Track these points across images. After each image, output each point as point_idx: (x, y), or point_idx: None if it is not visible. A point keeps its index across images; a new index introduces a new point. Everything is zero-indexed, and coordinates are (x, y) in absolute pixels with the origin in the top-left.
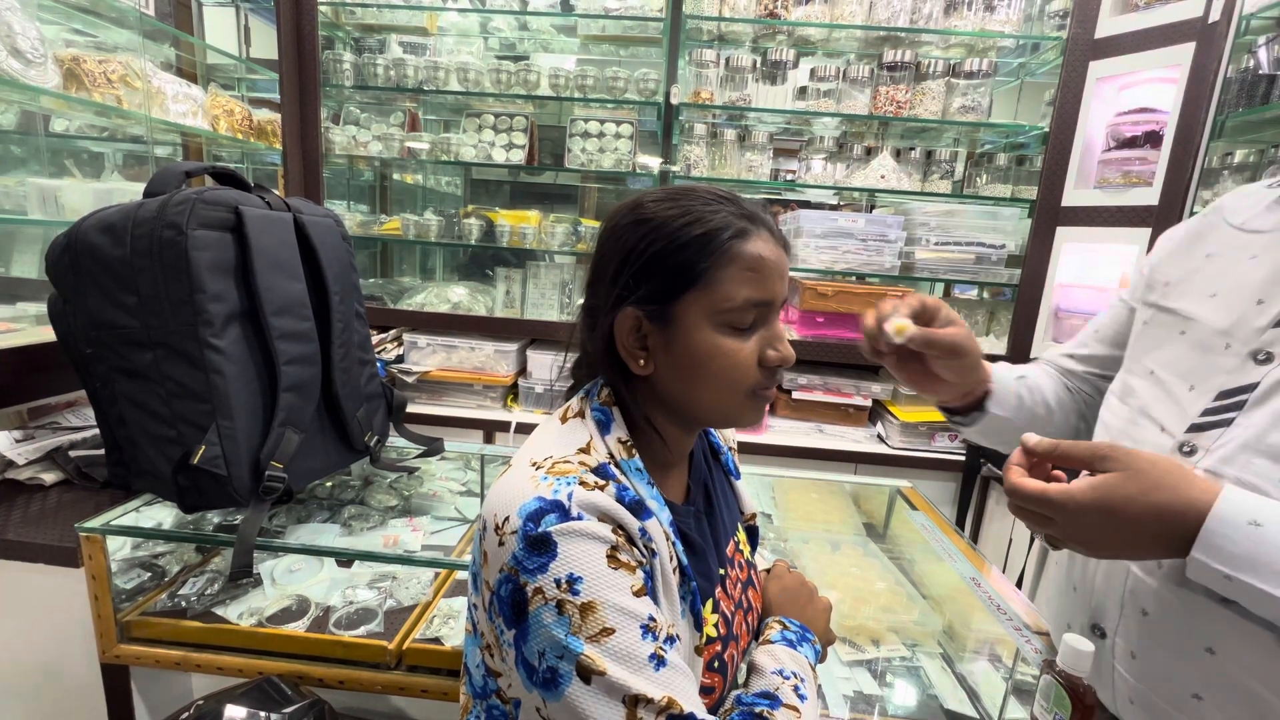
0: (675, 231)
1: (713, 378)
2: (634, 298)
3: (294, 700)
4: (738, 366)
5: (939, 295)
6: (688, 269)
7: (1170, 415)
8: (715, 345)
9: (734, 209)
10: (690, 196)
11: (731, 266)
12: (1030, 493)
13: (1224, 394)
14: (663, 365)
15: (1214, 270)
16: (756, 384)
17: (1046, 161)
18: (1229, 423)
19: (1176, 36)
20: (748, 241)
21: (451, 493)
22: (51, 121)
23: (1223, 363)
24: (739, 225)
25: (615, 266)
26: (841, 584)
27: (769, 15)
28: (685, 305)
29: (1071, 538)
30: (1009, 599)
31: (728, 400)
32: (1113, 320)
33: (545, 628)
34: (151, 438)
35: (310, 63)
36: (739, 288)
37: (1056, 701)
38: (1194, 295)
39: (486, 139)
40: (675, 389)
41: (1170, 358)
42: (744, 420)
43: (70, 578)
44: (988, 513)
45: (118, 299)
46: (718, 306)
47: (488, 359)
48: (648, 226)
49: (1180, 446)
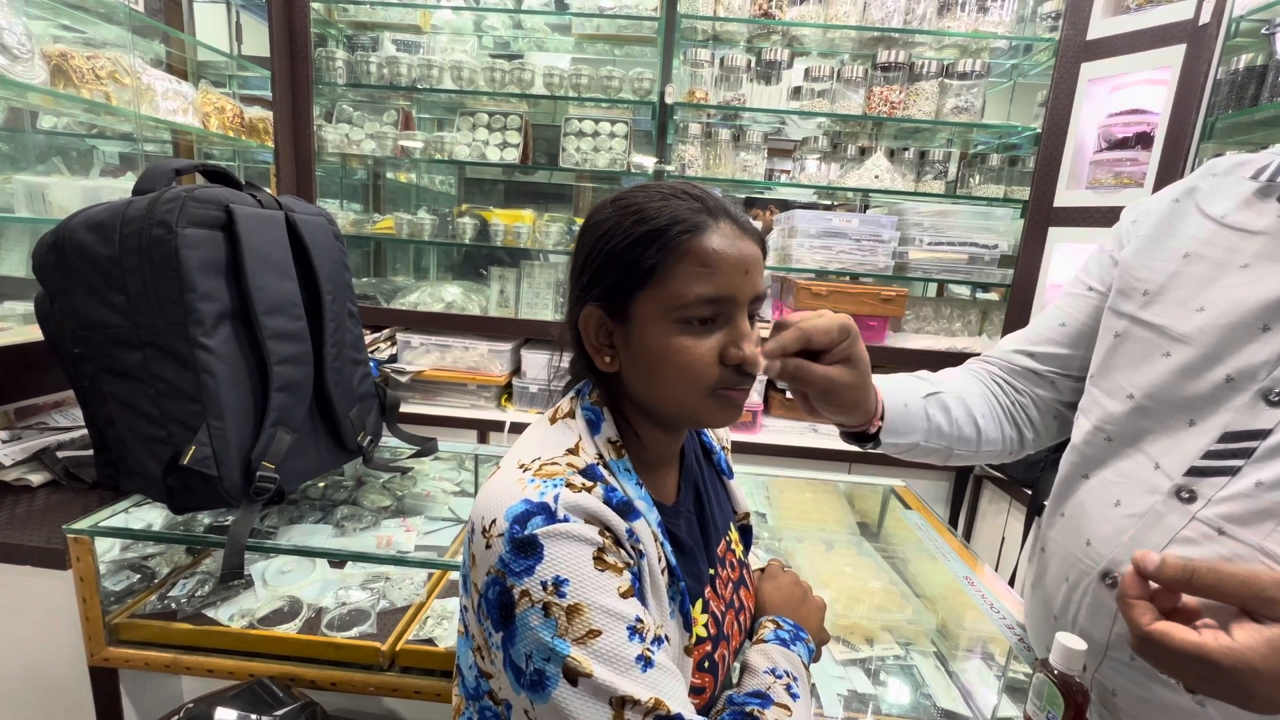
0: (629, 229)
1: (670, 376)
2: (594, 295)
3: (286, 702)
4: (694, 365)
5: (933, 295)
6: (638, 265)
7: (1166, 453)
8: (670, 343)
9: (690, 204)
10: (646, 193)
11: (683, 262)
12: (1185, 649)
13: (1230, 436)
14: (626, 363)
15: (1196, 276)
16: (718, 383)
17: (1039, 162)
18: (1234, 471)
19: (1167, 38)
20: (701, 235)
21: (445, 493)
22: (39, 118)
23: (1227, 398)
24: (693, 220)
25: (579, 264)
26: (835, 583)
27: (763, 15)
28: (641, 302)
29: (1232, 700)
30: (1002, 598)
31: (687, 399)
32: (1082, 314)
33: (532, 630)
34: (141, 438)
35: (302, 60)
36: (691, 283)
37: (1049, 700)
38: (1177, 308)
39: (480, 138)
40: (639, 387)
41: (1154, 383)
42: (709, 420)
43: (58, 580)
44: (980, 511)
45: (106, 298)
46: (670, 303)
47: (482, 358)
48: (605, 225)
49: (1178, 491)
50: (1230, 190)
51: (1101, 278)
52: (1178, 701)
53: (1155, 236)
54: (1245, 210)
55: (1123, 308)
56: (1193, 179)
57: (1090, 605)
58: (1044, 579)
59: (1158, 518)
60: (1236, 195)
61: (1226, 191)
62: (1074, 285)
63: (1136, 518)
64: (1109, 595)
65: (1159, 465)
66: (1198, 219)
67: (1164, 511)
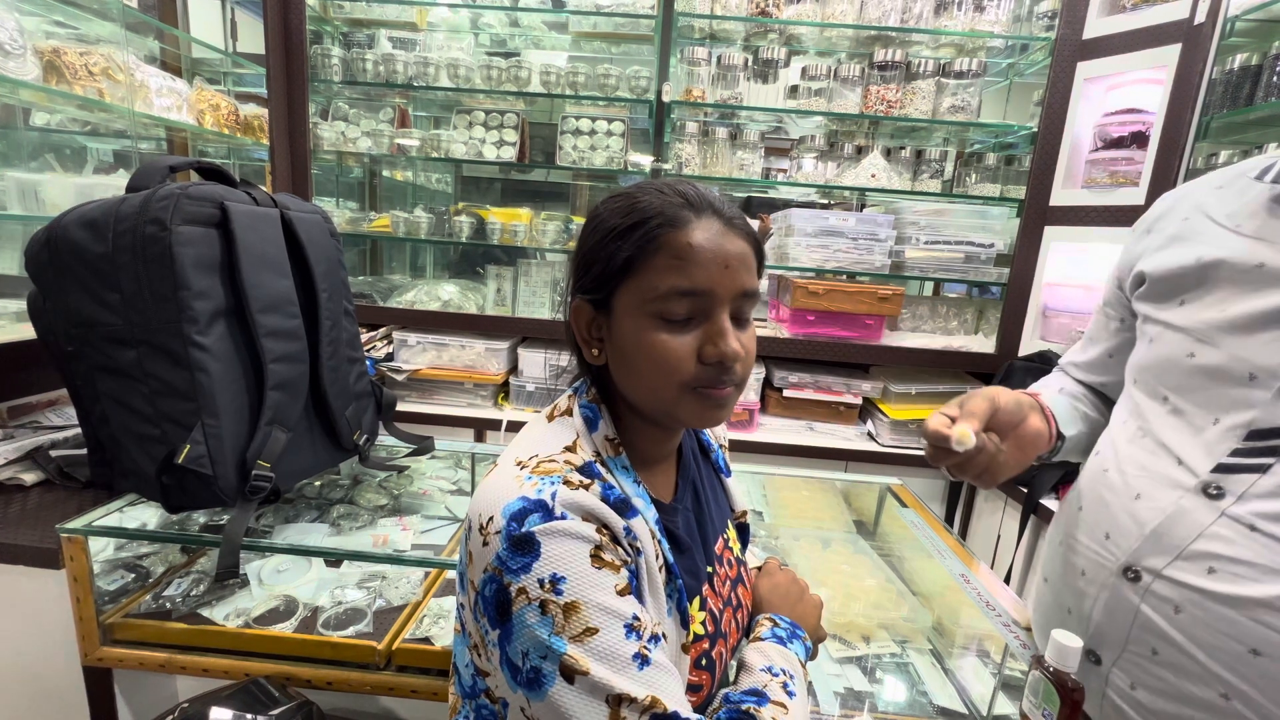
0: (613, 222)
1: (645, 370)
2: (580, 288)
3: (281, 702)
4: (668, 359)
5: (929, 293)
6: (616, 256)
7: (1191, 450)
8: (645, 336)
9: (674, 198)
10: (641, 188)
11: (659, 255)
12: None
13: (1257, 434)
14: (611, 356)
15: (1218, 281)
16: (694, 380)
17: (1035, 161)
18: (1264, 469)
19: (1163, 38)
20: (680, 229)
21: (442, 491)
22: (32, 115)
23: (1251, 396)
24: (673, 214)
25: (574, 260)
26: (832, 581)
27: (760, 13)
28: (620, 296)
29: None
30: (998, 595)
31: (664, 394)
32: (1110, 337)
33: (529, 628)
34: (135, 437)
35: (298, 57)
36: (665, 276)
37: (1045, 697)
38: (1201, 311)
39: (477, 136)
40: (623, 381)
41: (1183, 382)
42: (688, 418)
43: (51, 579)
44: (976, 510)
45: (99, 296)
46: (645, 295)
47: (478, 357)
48: (595, 221)
49: (1205, 488)
50: (1237, 195)
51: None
52: (1202, 696)
53: (1171, 250)
54: (1263, 217)
55: (1155, 314)
56: (1192, 195)
57: (1108, 600)
58: (1058, 573)
59: (1183, 513)
60: (1247, 199)
61: (1232, 195)
62: (1099, 314)
63: (1159, 511)
64: (1130, 589)
65: (1181, 461)
66: (1207, 226)
67: (1190, 507)
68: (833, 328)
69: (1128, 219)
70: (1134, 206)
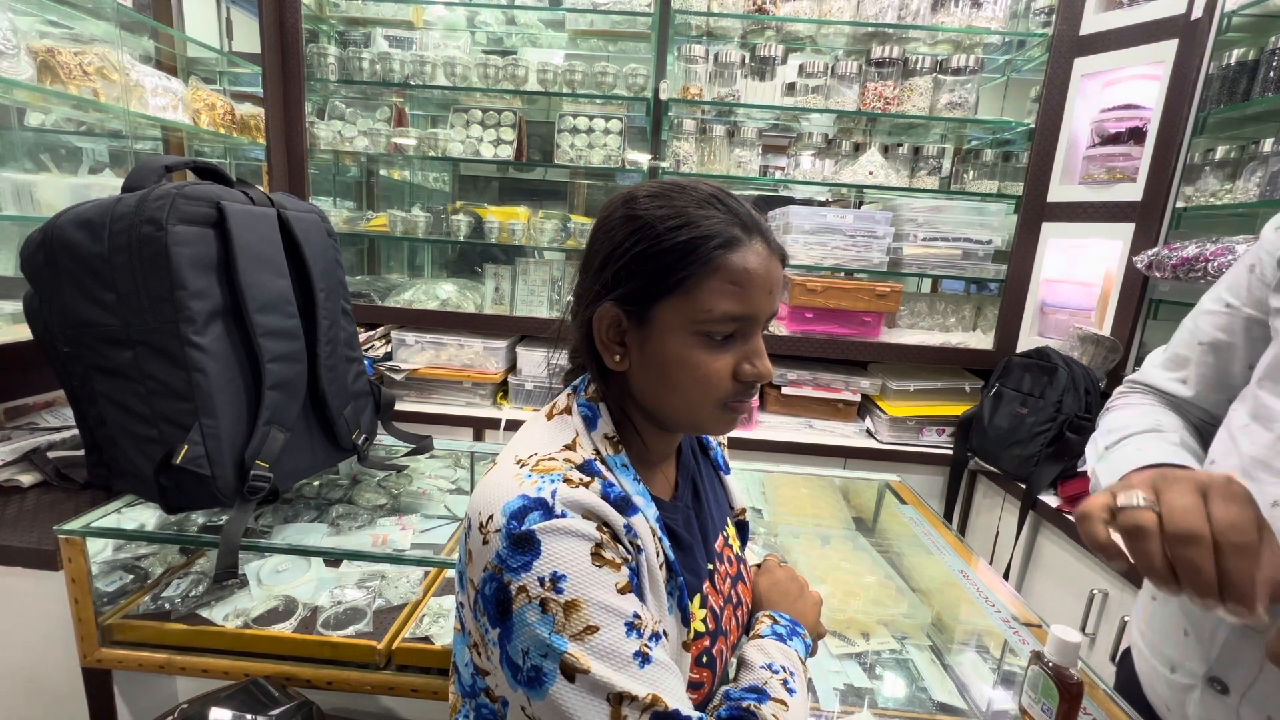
0: (662, 234)
1: (683, 386)
2: (615, 294)
3: (281, 702)
4: (709, 378)
5: (927, 290)
6: (669, 274)
7: None
8: (688, 354)
9: (727, 215)
10: (684, 196)
11: (714, 278)
12: None
13: None
14: (636, 364)
15: None
16: (728, 396)
17: (1032, 157)
18: None
19: (1159, 33)
20: (735, 252)
21: (441, 490)
22: (26, 115)
23: None
24: (729, 234)
25: (601, 260)
26: (831, 578)
27: (757, 11)
28: (663, 309)
29: None
30: (997, 591)
31: (697, 409)
32: (1221, 330)
33: (529, 626)
34: (132, 437)
35: (294, 56)
36: (719, 300)
37: (1044, 692)
38: None
39: (474, 134)
40: (647, 390)
41: None
42: (712, 429)
43: (50, 581)
44: (975, 506)
45: (96, 296)
46: (695, 316)
47: (477, 356)
48: (636, 224)
49: None
50: None
51: (1245, 294)
52: None
53: None
54: None
55: None
56: None
57: (1242, 626)
58: None
59: None
60: None
61: None
62: (1213, 303)
63: None
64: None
65: None
66: None
67: None
68: (831, 325)
69: (1125, 215)
70: (1131, 202)
